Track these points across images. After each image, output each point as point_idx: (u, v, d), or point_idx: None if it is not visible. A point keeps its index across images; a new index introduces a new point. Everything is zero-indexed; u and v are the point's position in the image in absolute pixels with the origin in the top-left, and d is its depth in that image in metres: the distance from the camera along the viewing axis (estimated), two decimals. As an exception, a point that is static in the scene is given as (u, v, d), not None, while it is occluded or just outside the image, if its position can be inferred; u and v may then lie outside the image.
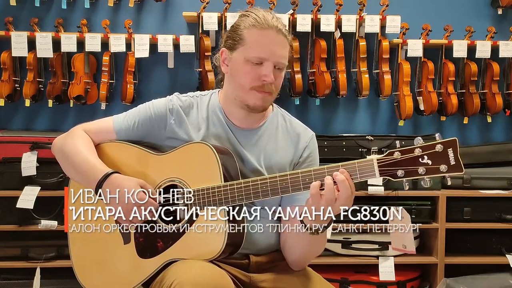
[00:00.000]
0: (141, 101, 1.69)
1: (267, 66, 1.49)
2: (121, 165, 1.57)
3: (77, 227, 1.62)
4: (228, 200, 1.43)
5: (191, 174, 1.49)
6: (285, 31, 1.53)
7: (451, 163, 1.30)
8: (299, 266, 1.56)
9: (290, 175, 1.40)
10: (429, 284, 3.01)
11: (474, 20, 3.28)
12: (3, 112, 3.28)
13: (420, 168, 1.32)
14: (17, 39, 3.05)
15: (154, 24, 3.32)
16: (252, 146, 1.58)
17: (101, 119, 1.68)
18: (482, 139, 3.38)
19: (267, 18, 1.51)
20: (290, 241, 1.52)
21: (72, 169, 1.57)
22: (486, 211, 2.93)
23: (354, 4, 3.12)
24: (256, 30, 1.50)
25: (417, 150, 1.32)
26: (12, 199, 2.77)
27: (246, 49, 1.50)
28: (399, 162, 1.34)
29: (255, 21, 1.50)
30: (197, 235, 1.45)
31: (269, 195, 1.42)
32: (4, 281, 2.86)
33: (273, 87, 1.52)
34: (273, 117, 1.63)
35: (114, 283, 1.55)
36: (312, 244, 1.49)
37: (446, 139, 1.32)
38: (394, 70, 3.22)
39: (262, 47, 1.49)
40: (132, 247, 1.53)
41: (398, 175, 1.34)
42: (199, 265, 1.38)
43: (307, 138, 1.63)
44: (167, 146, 1.59)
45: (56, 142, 1.66)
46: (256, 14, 1.52)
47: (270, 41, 1.49)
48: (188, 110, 1.61)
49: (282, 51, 1.51)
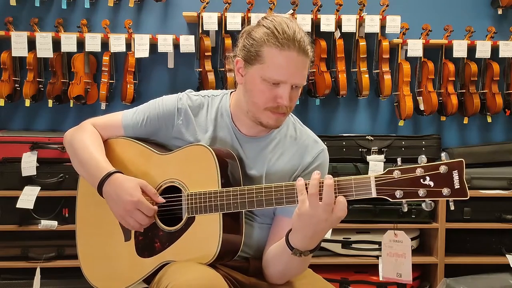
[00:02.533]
0: (141, 101, 1.69)
1: (284, 88, 1.41)
2: (126, 162, 1.58)
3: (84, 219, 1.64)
4: (223, 206, 1.41)
5: (190, 176, 1.48)
6: (307, 45, 1.42)
7: (455, 187, 1.20)
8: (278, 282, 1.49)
9: (285, 187, 1.36)
10: (429, 284, 3.01)
11: (474, 20, 3.28)
12: (3, 112, 3.28)
13: (420, 190, 1.21)
14: (17, 39, 3.05)
15: (154, 24, 3.32)
16: (256, 155, 1.55)
17: (111, 114, 1.67)
18: (482, 139, 3.38)
19: (289, 34, 1.38)
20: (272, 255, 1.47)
21: (79, 163, 1.57)
22: (486, 211, 2.93)
23: (354, 4, 3.12)
24: (276, 51, 1.39)
25: (419, 170, 1.22)
26: (12, 199, 2.77)
27: (263, 68, 1.41)
28: (398, 181, 1.23)
29: (276, 39, 1.39)
30: (192, 239, 1.44)
31: (263, 205, 1.38)
32: (4, 281, 2.87)
33: (290, 106, 1.46)
34: (283, 125, 1.58)
35: (114, 278, 1.56)
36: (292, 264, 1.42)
37: (452, 160, 1.21)
38: (394, 70, 3.22)
39: (281, 70, 1.40)
40: (132, 245, 1.53)
41: (397, 196, 1.23)
42: (194, 268, 1.37)
43: (314, 153, 1.56)
44: (173, 145, 1.58)
45: (67, 135, 1.66)
46: (277, 28, 1.40)
47: (290, 64, 1.40)
48: (198, 111, 1.59)
49: (301, 73, 1.43)
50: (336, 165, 2.94)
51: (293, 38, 1.38)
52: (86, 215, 1.64)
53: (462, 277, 2.83)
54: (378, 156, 2.99)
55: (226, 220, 1.42)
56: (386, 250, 2.56)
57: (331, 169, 2.90)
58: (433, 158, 3.03)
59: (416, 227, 2.96)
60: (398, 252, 2.50)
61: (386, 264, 2.55)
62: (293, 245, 1.35)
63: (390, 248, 2.54)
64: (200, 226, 1.44)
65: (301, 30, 1.42)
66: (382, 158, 2.98)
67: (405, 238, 2.53)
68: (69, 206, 2.84)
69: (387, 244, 2.56)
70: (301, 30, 1.42)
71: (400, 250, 2.50)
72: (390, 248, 2.54)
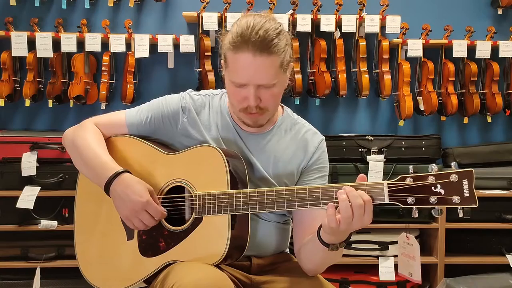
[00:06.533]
0: (141, 101, 1.69)
1: (248, 90, 1.42)
2: (131, 161, 1.57)
3: (83, 218, 1.63)
4: (233, 208, 1.41)
5: (198, 177, 1.48)
6: (270, 43, 1.37)
7: (465, 195, 1.24)
8: (314, 273, 1.54)
9: (297, 191, 1.37)
10: (429, 284, 3.01)
11: (474, 20, 3.28)
12: (3, 112, 3.28)
13: (431, 197, 1.25)
14: (17, 39, 3.05)
15: (154, 24, 3.32)
16: (260, 151, 1.57)
17: (113, 113, 1.67)
18: (482, 139, 3.38)
19: (244, 35, 1.36)
20: (307, 253, 1.50)
21: (82, 163, 1.56)
22: (486, 211, 2.93)
23: (354, 4, 3.12)
24: (232, 53, 1.40)
25: (431, 178, 1.26)
26: (12, 199, 2.77)
27: (229, 71, 1.45)
28: (411, 188, 1.27)
29: (233, 41, 1.39)
30: (199, 240, 1.44)
31: (274, 208, 1.39)
32: (4, 281, 2.86)
33: (263, 106, 1.46)
34: (282, 120, 1.61)
35: (115, 278, 1.55)
36: (329, 257, 1.46)
37: (462, 169, 1.25)
38: (394, 70, 3.22)
39: (239, 73, 1.41)
40: (135, 244, 1.52)
41: (408, 202, 1.27)
42: (200, 268, 1.37)
43: (316, 143, 1.60)
44: (180, 143, 1.58)
45: (67, 134, 1.66)
46: (236, 31, 1.39)
47: (247, 66, 1.39)
48: (200, 110, 1.60)
49: (261, 74, 1.40)
50: (336, 165, 2.94)
51: (247, 39, 1.36)
52: (85, 214, 1.64)
53: (462, 277, 2.83)
54: (378, 156, 2.99)
55: (234, 221, 1.42)
56: (401, 250, 2.77)
57: (331, 169, 2.90)
58: (433, 158, 3.04)
59: (416, 227, 2.96)
60: (409, 254, 2.69)
61: (401, 262, 2.75)
62: (329, 242, 1.37)
63: (403, 248, 2.77)
64: (207, 226, 1.44)
65: (263, 28, 1.37)
66: (382, 158, 2.98)
67: (414, 242, 2.70)
68: (69, 206, 2.84)
69: (401, 245, 2.77)
70: (265, 28, 1.37)
71: (411, 252, 2.70)
72: (403, 249, 2.77)
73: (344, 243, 1.38)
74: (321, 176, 1.60)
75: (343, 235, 1.35)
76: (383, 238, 2.91)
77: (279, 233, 1.61)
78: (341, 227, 1.29)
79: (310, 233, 1.48)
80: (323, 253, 1.41)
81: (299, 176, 1.59)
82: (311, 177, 1.58)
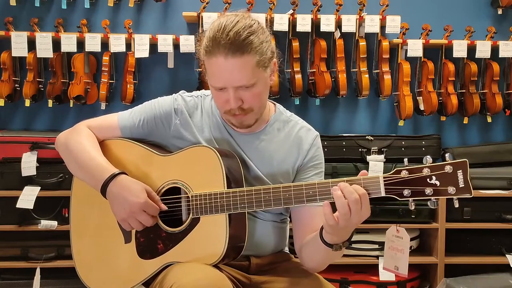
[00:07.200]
0: (141, 101, 1.68)
1: (227, 92, 1.42)
2: (126, 163, 1.57)
3: (79, 221, 1.63)
4: (230, 207, 1.41)
5: (194, 178, 1.48)
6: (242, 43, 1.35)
7: (460, 185, 1.25)
8: (316, 271, 1.55)
9: (293, 187, 1.37)
10: (429, 284, 3.01)
11: (474, 20, 3.28)
12: (3, 112, 3.28)
13: (427, 189, 1.27)
14: (17, 39, 3.05)
15: (154, 24, 3.32)
16: (254, 151, 1.56)
17: (106, 116, 1.66)
18: (482, 139, 3.38)
19: (215, 38, 1.36)
20: (309, 253, 1.50)
21: (77, 166, 1.56)
22: (486, 211, 2.93)
23: (354, 4, 3.12)
24: (207, 59, 1.42)
25: (426, 170, 1.28)
26: (12, 199, 2.77)
27: (208, 76, 1.46)
28: (406, 181, 1.28)
29: (205, 46, 1.40)
30: (197, 240, 1.44)
31: (271, 205, 1.39)
32: (4, 281, 2.86)
33: (246, 107, 1.44)
34: (275, 119, 1.60)
35: (114, 281, 1.54)
36: (331, 256, 1.46)
37: (457, 160, 1.26)
38: (394, 70, 3.22)
39: (215, 77, 1.42)
40: (132, 246, 1.52)
41: (404, 195, 1.29)
42: (199, 268, 1.37)
43: (310, 140, 1.59)
44: (173, 145, 1.58)
45: (60, 137, 1.65)
46: (208, 34, 1.39)
47: (220, 69, 1.39)
48: (192, 111, 1.59)
49: (237, 76, 1.39)
50: (336, 165, 2.94)
51: (218, 43, 1.36)
52: (81, 217, 1.63)
53: (462, 277, 2.83)
54: (378, 156, 2.99)
55: (232, 220, 1.42)
56: (388, 243, 2.68)
57: (331, 169, 2.90)
58: (433, 158, 3.02)
59: (416, 227, 2.96)
60: (398, 247, 2.63)
61: (387, 256, 2.66)
62: (332, 242, 1.37)
63: (392, 242, 2.66)
64: (205, 226, 1.44)
65: (234, 29, 1.36)
66: (382, 158, 2.98)
67: (405, 235, 2.61)
68: (69, 206, 2.83)
69: (390, 238, 2.68)
70: (236, 29, 1.36)
71: (400, 246, 2.63)
72: (392, 242, 2.67)
73: (347, 242, 1.38)
74: (318, 173, 1.59)
75: (344, 232, 1.34)
76: (383, 238, 2.89)
77: (276, 232, 1.61)
78: (340, 224, 1.29)
79: (310, 231, 1.48)
80: (325, 253, 1.41)
81: (295, 174, 1.58)
82: (308, 175, 1.58)
